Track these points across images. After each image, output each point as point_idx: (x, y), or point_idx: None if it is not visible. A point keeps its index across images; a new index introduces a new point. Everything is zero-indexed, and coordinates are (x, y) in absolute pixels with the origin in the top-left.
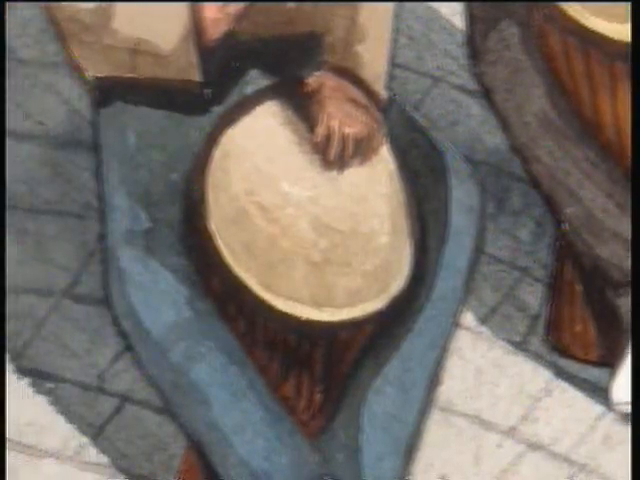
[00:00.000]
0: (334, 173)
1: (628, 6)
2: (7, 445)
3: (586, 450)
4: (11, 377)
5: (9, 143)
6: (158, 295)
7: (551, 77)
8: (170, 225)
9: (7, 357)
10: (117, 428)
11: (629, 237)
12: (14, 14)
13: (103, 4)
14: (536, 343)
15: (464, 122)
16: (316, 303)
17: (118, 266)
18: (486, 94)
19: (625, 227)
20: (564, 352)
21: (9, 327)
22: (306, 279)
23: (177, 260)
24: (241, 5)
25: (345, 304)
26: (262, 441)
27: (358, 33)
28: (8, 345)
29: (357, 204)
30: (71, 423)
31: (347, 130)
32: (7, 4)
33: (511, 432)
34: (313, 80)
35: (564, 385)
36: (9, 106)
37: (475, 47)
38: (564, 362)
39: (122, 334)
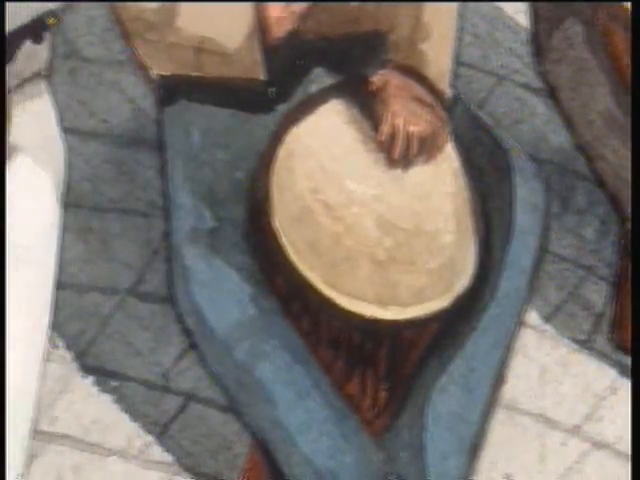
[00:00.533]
0: (399, 171)
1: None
2: (72, 444)
3: None
4: (76, 375)
5: (74, 141)
6: (222, 293)
7: (616, 76)
8: (234, 223)
9: (72, 355)
10: (182, 427)
11: None
12: (79, 13)
13: (167, 3)
14: (601, 341)
15: (529, 120)
16: (381, 301)
17: (182, 264)
18: (551, 92)
19: None
20: (629, 350)
21: (74, 325)
22: (370, 277)
23: (241, 258)
24: (305, 4)
25: (410, 303)
26: (327, 440)
27: (422, 31)
28: (73, 343)
29: (421, 202)
30: (136, 421)
31: (412, 128)
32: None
33: (575, 430)
34: (378, 78)
35: (629, 383)
36: (74, 104)
37: (539, 45)
38: (629, 360)
39: (186, 332)
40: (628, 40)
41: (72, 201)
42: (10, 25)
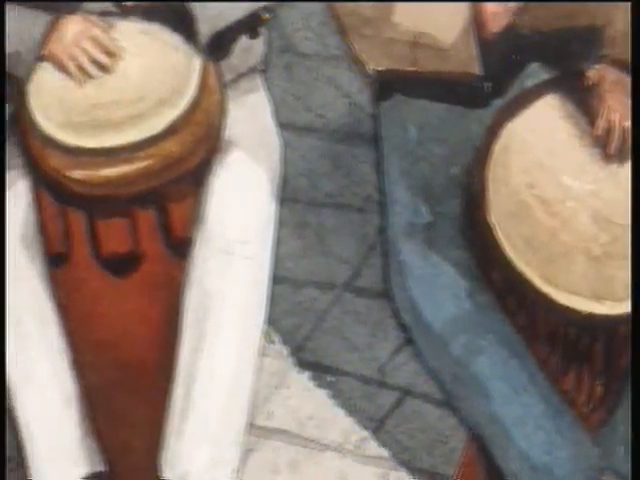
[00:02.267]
0: (614, 166)
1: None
2: (288, 439)
3: None
4: (292, 370)
5: (290, 136)
6: (439, 288)
7: None
8: (450, 218)
9: (288, 350)
10: (398, 421)
11: None
12: (295, 8)
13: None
14: None
15: None
16: (596, 296)
17: (399, 259)
18: None
19: None
20: None
21: (290, 320)
22: (586, 273)
23: (458, 253)
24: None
25: (625, 297)
26: (542, 434)
27: None
28: (289, 338)
29: None
30: (352, 417)
31: (628, 123)
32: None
33: None
34: (593, 73)
35: None
36: (290, 99)
37: None
38: None
39: (403, 327)
40: None
41: (288, 196)
42: (226, 21)
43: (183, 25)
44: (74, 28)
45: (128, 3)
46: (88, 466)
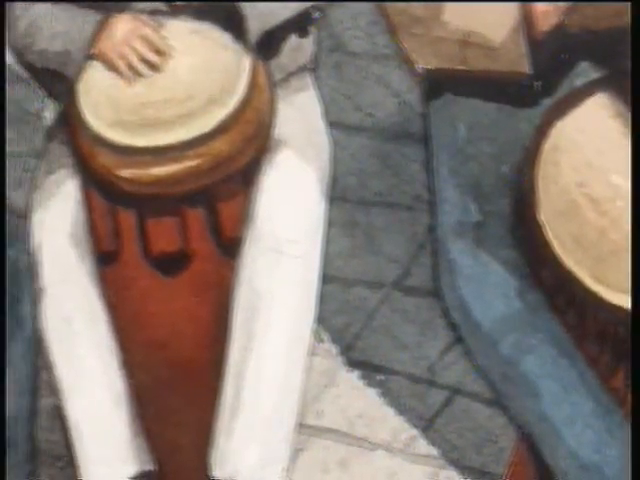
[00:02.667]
0: None
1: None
2: (338, 438)
3: None
4: (341, 369)
5: (339, 135)
6: (488, 287)
7: None
8: (500, 217)
9: (337, 349)
10: (447, 420)
11: None
12: (344, 7)
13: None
14: None
15: None
16: None
17: (448, 258)
18: None
19: None
20: None
21: (339, 319)
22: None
23: (507, 252)
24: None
25: None
26: (592, 433)
27: None
28: (338, 337)
29: None
30: (401, 415)
31: None
32: None
33: None
34: None
35: None
36: (339, 98)
37: None
38: None
39: (452, 326)
40: None
41: (338, 195)
42: (275, 19)
43: (233, 24)
44: (124, 27)
45: (178, 2)
46: (137, 465)
